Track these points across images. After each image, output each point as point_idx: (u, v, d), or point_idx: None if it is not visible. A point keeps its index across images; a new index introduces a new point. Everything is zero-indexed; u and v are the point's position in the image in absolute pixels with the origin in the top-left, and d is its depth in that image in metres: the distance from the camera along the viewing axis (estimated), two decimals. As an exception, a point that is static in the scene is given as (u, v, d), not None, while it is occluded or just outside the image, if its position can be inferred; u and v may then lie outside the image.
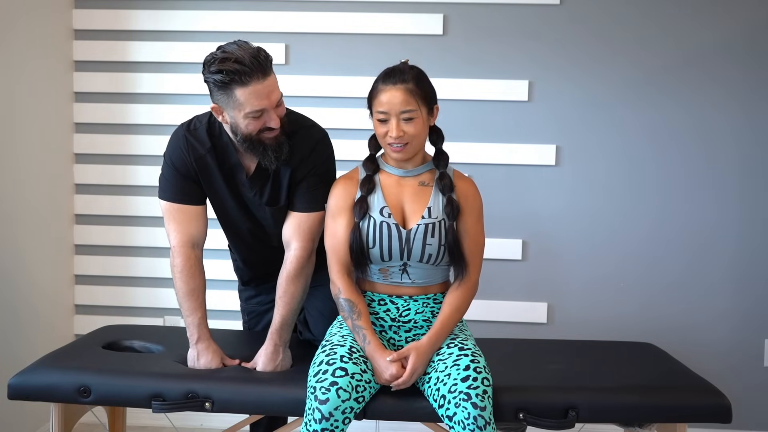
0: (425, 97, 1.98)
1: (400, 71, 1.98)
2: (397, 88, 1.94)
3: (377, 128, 2.00)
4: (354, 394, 1.84)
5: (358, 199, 2.03)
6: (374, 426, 2.86)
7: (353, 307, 2.00)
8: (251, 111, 1.97)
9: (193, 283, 2.15)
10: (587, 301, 3.13)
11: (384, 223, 2.00)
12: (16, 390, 2.06)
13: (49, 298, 3.10)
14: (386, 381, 1.94)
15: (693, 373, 2.20)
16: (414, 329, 2.07)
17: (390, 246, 1.99)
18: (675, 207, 3.09)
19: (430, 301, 2.07)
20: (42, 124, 3.01)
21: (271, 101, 1.99)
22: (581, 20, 3.06)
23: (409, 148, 1.99)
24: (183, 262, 2.14)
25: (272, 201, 2.17)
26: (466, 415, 1.79)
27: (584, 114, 3.09)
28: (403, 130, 1.95)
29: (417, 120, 1.96)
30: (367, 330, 1.98)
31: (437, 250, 2.00)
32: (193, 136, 2.15)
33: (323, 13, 3.12)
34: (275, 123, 2.01)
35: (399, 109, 1.94)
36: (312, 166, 2.14)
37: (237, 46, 1.98)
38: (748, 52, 3.03)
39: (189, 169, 2.15)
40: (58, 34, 3.13)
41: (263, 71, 1.96)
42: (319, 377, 1.87)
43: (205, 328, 2.15)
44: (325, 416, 1.80)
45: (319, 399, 1.81)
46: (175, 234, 2.16)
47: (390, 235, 1.99)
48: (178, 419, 2.83)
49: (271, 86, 1.99)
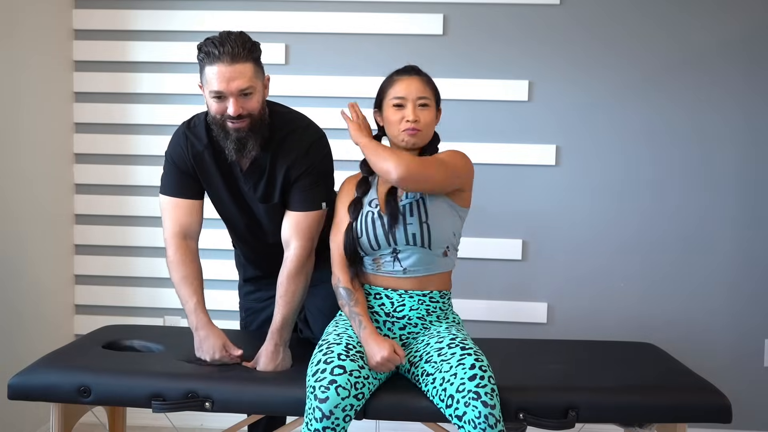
0: (435, 93, 2.10)
1: (414, 67, 2.11)
2: (413, 78, 2.07)
3: (391, 116, 2.06)
4: (353, 391, 1.84)
5: (354, 200, 2.10)
6: (374, 426, 2.87)
7: (351, 294, 2.05)
8: (211, 90, 2.02)
9: (185, 269, 2.17)
10: (587, 301, 3.13)
11: (370, 212, 2.07)
12: (16, 390, 2.06)
13: (49, 298, 3.10)
14: (378, 363, 1.94)
15: (693, 373, 2.20)
16: (408, 326, 2.08)
17: (375, 233, 2.04)
18: (675, 207, 3.09)
19: (426, 299, 2.07)
20: (42, 124, 3.01)
21: (230, 87, 2.00)
22: (581, 20, 3.06)
23: (422, 135, 2.06)
24: (174, 251, 2.18)
25: (265, 198, 2.20)
26: (477, 414, 1.79)
27: (584, 114, 3.09)
28: (419, 115, 2.04)
29: (430, 109, 2.07)
30: (363, 316, 2.02)
31: (419, 228, 2.02)
32: (192, 133, 2.19)
33: (323, 13, 3.12)
34: (233, 111, 2.02)
35: (416, 95, 2.04)
36: (308, 166, 2.15)
37: (227, 32, 2.04)
38: (748, 52, 3.03)
39: (187, 165, 2.18)
40: (58, 34, 3.13)
41: (232, 57, 1.99)
42: (317, 376, 1.87)
43: (201, 313, 2.16)
44: (326, 414, 1.80)
45: (319, 398, 1.82)
46: (168, 225, 2.20)
47: (374, 224, 2.05)
48: (178, 419, 2.83)
49: (235, 73, 2.00)
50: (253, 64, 2.04)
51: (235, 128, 2.06)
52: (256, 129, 2.08)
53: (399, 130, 2.05)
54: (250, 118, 2.06)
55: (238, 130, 2.06)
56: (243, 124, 2.05)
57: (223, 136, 2.08)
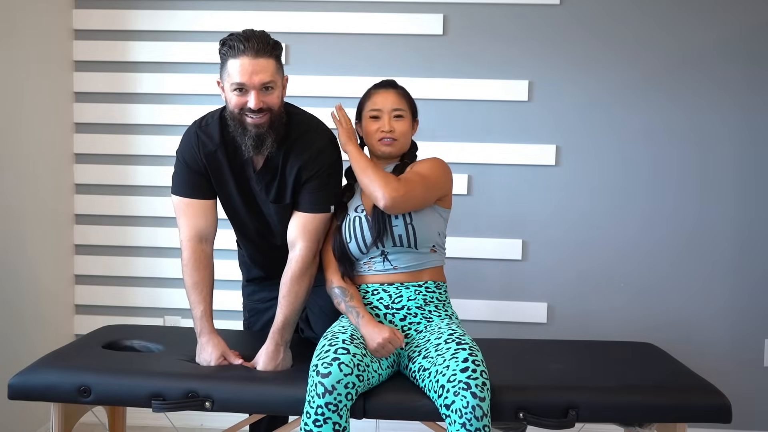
0: (411, 105, 2.23)
1: (390, 82, 2.25)
2: (389, 92, 2.20)
3: (368, 126, 2.17)
4: (356, 371, 1.87)
5: (337, 205, 2.20)
6: (374, 426, 2.87)
7: (345, 291, 2.12)
8: (233, 83, 2.04)
9: (197, 275, 2.18)
10: (587, 301, 3.13)
11: (356, 218, 2.14)
12: (16, 390, 2.06)
13: (49, 298, 3.10)
14: (379, 345, 1.98)
15: (693, 373, 2.20)
16: (408, 316, 2.12)
17: (363, 237, 2.11)
18: (674, 206, 3.09)
19: (422, 289, 2.13)
20: (42, 124, 3.01)
21: (253, 81, 2.02)
22: (581, 20, 3.06)
23: (397, 144, 2.17)
24: (189, 255, 2.18)
25: (278, 198, 2.20)
26: (465, 404, 1.80)
27: (584, 114, 3.09)
28: (393, 127, 2.15)
29: (405, 120, 2.18)
30: (359, 307, 2.08)
31: (405, 230, 2.09)
32: (204, 132, 2.19)
33: (323, 13, 3.12)
34: (254, 104, 2.04)
35: (391, 107, 2.17)
36: (319, 167, 2.16)
37: (252, 30, 2.07)
38: (748, 52, 3.03)
39: (199, 165, 2.18)
40: (58, 34, 3.13)
41: (256, 51, 2.02)
42: (320, 355, 1.90)
43: (206, 322, 2.17)
44: (328, 389, 1.82)
45: (321, 373, 1.84)
46: (184, 228, 2.20)
47: (362, 228, 2.12)
48: (178, 419, 2.83)
49: (259, 67, 2.03)
50: (275, 60, 2.07)
51: (255, 123, 2.06)
52: (274, 126, 2.09)
53: (376, 140, 2.16)
54: (270, 113, 2.07)
55: (257, 126, 2.06)
56: (263, 119, 2.06)
57: (241, 131, 2.09)
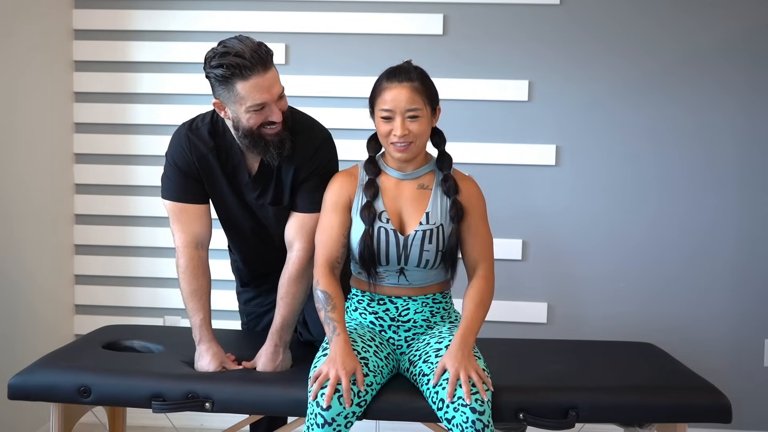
0: (430, 96, 1.97)
1: (405, 70, 1.97)
2: (402, 86, 1.93)
3: (380, 127, 1.97)
4: (356, 399, 1.84)
5: (365, 204, 2.01)
6: (374, 426, 2.87)
7: (329, 299, 1.95)
8: (252, 105, 1.97)
9: (196, 283, 2.15)
10: (587, 301, 3.13)
11: (382, 228, 2.00)
12: (16, 390, 2.06)
13: (49, 298, 3.10)
14: (330, 376, 1.82)
15: (693, 373, 2.20)
16: (413, 329, 2.08)
17: (387, 251, 1.99)
18: (675, 207, 3.09)
19: (429, 300, 2.08)
20: (42, 124, 3.00)
21: (272, 94, 1.99)
22: (581, 20, 3.06)
23: (413, 148, 1.96)
24: (186, 262, 2.15)
25: (276, 200, 2.17)
26: (465, 419, 1.79)
27: (584, 114, 3.09)
28: (408, 129, 1.93)
29: (422, 119, 1.95)
30: (338, 323, 1.91)
31: (434, 256, 2.00)
32: (195, 135, 2.14)
33: (323, 13, 3.12)
34: (277, 116, 2.01)
35: (405, 107, 1.92)
36: (315, 167, 2.14)
37: (238, 40, 1.99)
38: (748, 52, 3.03)
39: (191, 168, 2.15)
40: (58, 34, 3.13)
41: (264, 65, 1.97)
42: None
43: (206, 330, 2.15)
44: (328, 422, 1.80)
45: (321, 406, 1.81)
46: (179, 234, 2.16)
47: (388, 241, 1.99)
48: (178, 419, 2.83)
49: (272, 80, 1.99)
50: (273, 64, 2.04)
51: (275, 132, 2.03)
52: (287, 125, 2.07)
53: (389, 143, 1.97)
54: (284, 118, 2.05)
55: (277, 134, 2.03)
56: (281, 126, 2.04)
57: (263, 145, 2.03)
